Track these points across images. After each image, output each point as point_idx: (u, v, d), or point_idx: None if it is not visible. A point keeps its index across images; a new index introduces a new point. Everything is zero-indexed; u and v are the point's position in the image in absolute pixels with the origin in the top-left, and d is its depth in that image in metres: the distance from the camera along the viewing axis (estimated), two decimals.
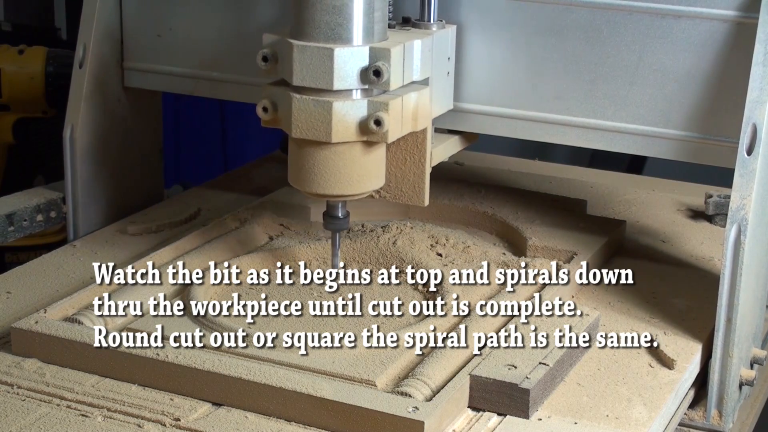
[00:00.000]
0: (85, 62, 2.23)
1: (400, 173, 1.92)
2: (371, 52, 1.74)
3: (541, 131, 1.99)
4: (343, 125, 1.75)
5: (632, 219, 2.34)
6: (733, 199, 1.75)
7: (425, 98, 1.85)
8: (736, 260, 1.75)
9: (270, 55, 1.79)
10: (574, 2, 1.92)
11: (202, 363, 1.63)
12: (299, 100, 1.75)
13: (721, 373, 1.79)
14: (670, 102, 1.90)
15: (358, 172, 1.80)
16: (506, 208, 2.22)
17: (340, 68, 1.73)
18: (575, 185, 2.52)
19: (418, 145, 1.91)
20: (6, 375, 1.68)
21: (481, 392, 1.62)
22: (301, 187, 1.82)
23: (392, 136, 1.78)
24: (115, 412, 1.60)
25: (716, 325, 1.78)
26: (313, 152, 1.78)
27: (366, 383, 1.62)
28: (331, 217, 1.88)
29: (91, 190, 2.27)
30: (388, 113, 1.75)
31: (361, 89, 1.76)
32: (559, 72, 1.95)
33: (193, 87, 2.25)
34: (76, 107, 2.23)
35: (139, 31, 2.26)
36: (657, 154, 1.94)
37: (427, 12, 1.92)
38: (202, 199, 2.36)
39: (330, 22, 1.73)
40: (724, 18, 1.84)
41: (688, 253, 2.19)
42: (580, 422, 1.61)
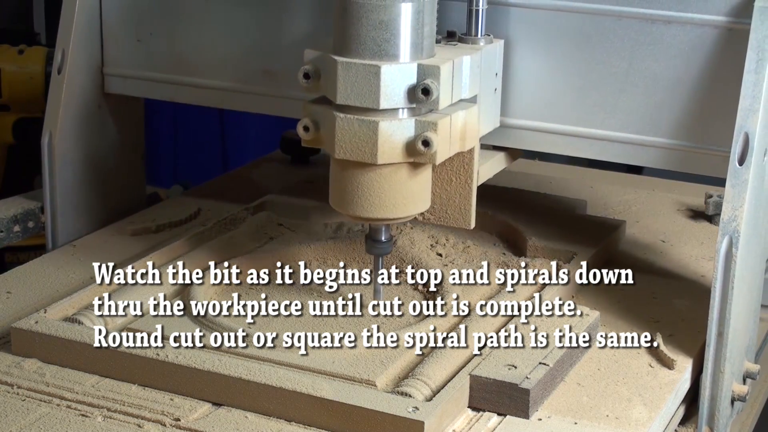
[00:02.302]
0: (64, 68, 2.17)
1: (446, 194, 1.85)
2: (419, 69, 1.67)
3: (531, 139, 1.95)
4: (389, 146, 1.68)
5: (632, 219, 2.34)
6: (724, 211, 1.71)
7: (473, 117, 1.78)
8: (728, 273, 1.70)
9: (312, 72, 1.71)
10: (561, 8, 1.88)
11: (202, 363, 1.63)
12: (343, 119, 1.68)
13: (712, 389, 1.74)
14: (661, 110, 1.86)
15: (403, 194, 1.73)
16: (506, 208, 2.22)
17: (387, 86, 1.66)
18: (575, 185, 2.52)
19: (465, 165, 1.83)
20: (6, 375, 1.68)
21: (481, 392, 1.62)
22: (344, 210, 1.75)
23: (440, 157, 1.71)
24: (115, 412, 1.60)
25: (707, 339, 1.73)
26: (358, 174, 1.71)
27: (366, 383, 1.62)
28: (374, 241, 1.81)
29: (70, 199, 2.21)
30: (436, 133, 1.68)
31: (408, 108, 1.69)
32: (546, 79, 1.91)
33: (173, 93, 2.20)
34: (54, 114, 2.17)
35: (120, 36, 2.20)
36: (647, 163, 1.90)
37: (474, 26, 1.84)
38: (202, 199, 2.36)
39: (377, 38, 1.66)
40: (715, 24, 1.80)
41: (688, 253, 2.19)
42: (580, 422, 1.61)
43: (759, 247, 1.82)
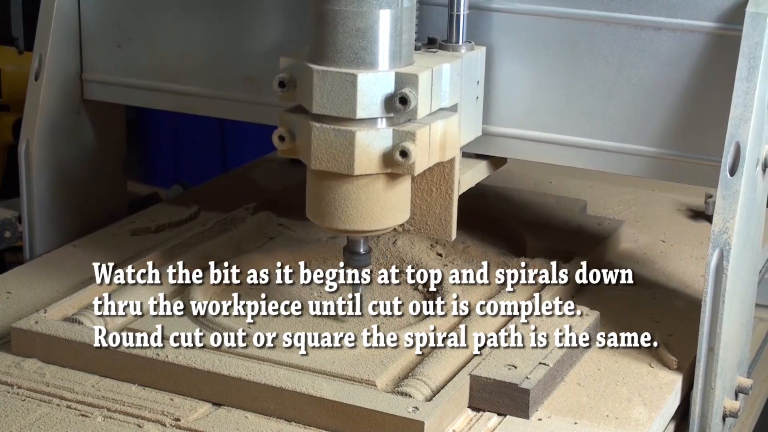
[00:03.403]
0: (41, 73, 2.12)
1: (426, 205, 1.83)
2: (397, 77, 1.63)
3: (514, 148, 1.90)
4: (366, 157, 1.64)
5: (632, 219, 2.34)
6: (715, 222, 1.67)
7: (454, 126, 1.74)
8: (718, 287, 1.66)
9: (287, 80, 1.67)
10: (549, 13, 1.83)
11: (202, 363, 1.63)
12: (319, 129, 1.64)
13: (702, 405, 1.70)
14: (650, 118, 1.81)
15: (381, 206, 1.69)
16: (506, 208, 2.22)
17: (364, 95, 1.61)
18: (575, 185, 2.52)
19: (446, 176, 1.80)
20: (6, 375, 1.68)
21: (481, 392, 1.62)
22: (321, 222, 1.71)
23: (419, 168, 1.67)
24: (115, 412, 1.60)
25: (697, 354, 1.69)
26: (334, 185, 1.67)
27: (366, 383, 1.62)
28: (352, 254, 1.77)
29: (48, 208, 2.16)
30: (415, 143, 1.64)
31: (386, 117, 1.65)
32: (533, 87, 1.86)
33: (153, 100, 2.15)
34: (31, 121, 2.12)
35: (98, 41, 2.15)
36: (637, 173, 1.86)
37: (455, 32, 1.80)
38: (202, 200, 2.36)
39: (353, 46, 1.62)
40: (706, 30, 1.75)
41: (688, 253, 2.18)
42: (580, 422, 1.61)
43: (751, 259, 1.78)
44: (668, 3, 1.77)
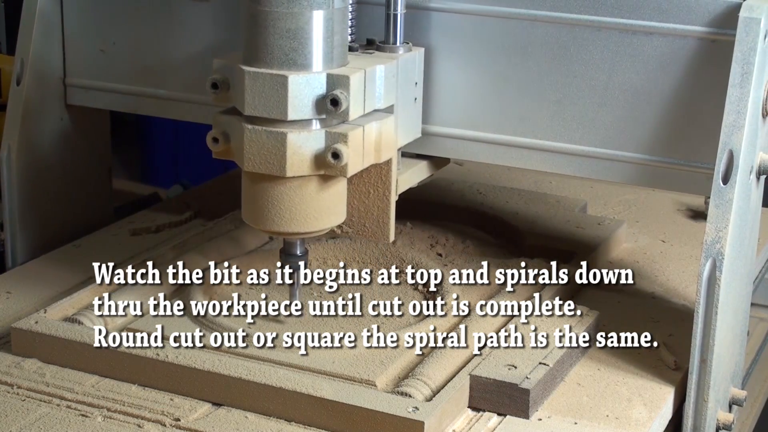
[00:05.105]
0: (23, 78, 2.07)
1: (363, 207, 1.82)
2: (329, 79, 1.62)
3: (506, 155, 1.88)
4: (298, 158, 1.63)
5: (632, 219, 2.34)
6: (708, 232, 1.63)
7: (389, 128, 1.73)
8: (711, 298, 1.63)
9: (220, 82, 1.66)
10: (538, 17, 1.81)
11: (202, 363, 1.63)
12: (251, 131, 1.63)
13: (695, 418, 1.68)
14: (642, 125, 1.78)
15: (315, 207, 1.68)
16: (506, 208, 2.22)
17: (295, 97, 1.60)
18: (575, 185, 2.52)
19: (382, 178, 1.80)
20: (6, 375, 1.68)
21: (481, 392, 1.62)
22: (256, 224, 1.71)
23: (352, 170, 1.66)
24: (115, 412, 1.60)
25: (690, 366, 1.67)
26: (267, 187, 1.67)
27: (366, 383, 1.62)
28: (288, 255, 1.76)
29: (30, 215, 2.11)
30: (347, 145, 1.63)
31: (319, 119, 1.64)
32: (523, 92, 1.84)
33: (137, 105, 2.12)
34: (13, 127, 2.07)
35: (82, 45, 2.11)
36: (628, 181, 1.83)
37: (393, 33, 1.79)
38: (202, 200, 2.36)
39: (284, 47, 1.60)
40: (698, 35, 1.72)
41: (688, 253, 2.18)
42: (580, 422, 1.61)
43: (744, 269, 1.76)
44: (660, 7, 1.74)
